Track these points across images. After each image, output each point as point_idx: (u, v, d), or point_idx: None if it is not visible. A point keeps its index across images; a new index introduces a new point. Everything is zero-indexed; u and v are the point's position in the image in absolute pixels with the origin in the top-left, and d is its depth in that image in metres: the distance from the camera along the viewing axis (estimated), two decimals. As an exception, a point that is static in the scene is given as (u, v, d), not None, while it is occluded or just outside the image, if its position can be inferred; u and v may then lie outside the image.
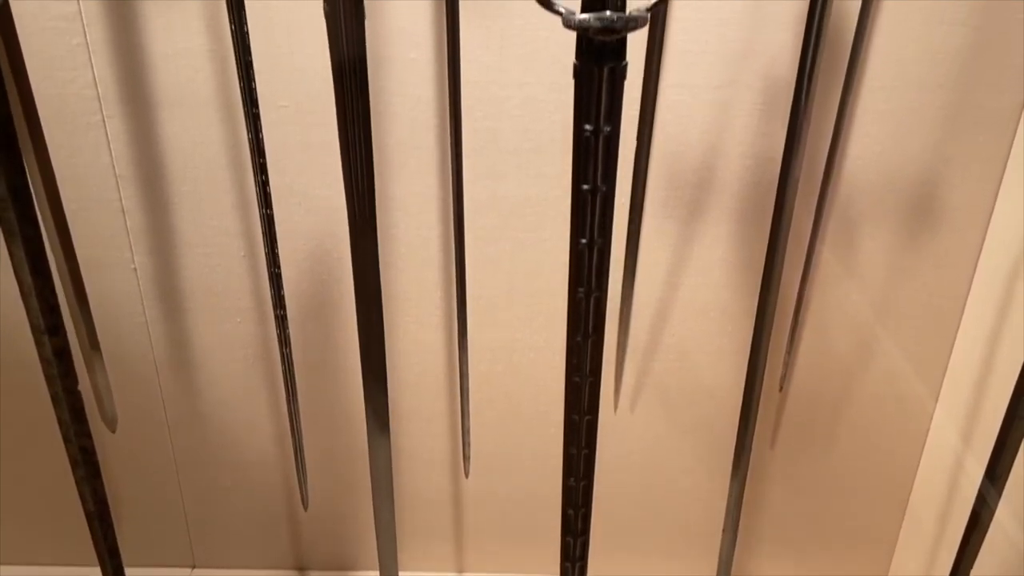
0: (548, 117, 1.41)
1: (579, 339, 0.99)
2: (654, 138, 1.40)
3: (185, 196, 1.45)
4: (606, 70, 0.85)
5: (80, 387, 0.98)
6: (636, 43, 1.08)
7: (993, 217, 1.47)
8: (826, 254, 1.51)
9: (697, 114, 1.40)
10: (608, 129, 0.88)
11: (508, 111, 1.41)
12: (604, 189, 0.90)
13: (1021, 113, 1.39)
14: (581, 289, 0.96)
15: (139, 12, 1.31)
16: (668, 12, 1.30)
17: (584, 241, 0.94)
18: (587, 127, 0.88)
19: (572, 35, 0.84)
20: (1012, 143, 1.41)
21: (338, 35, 1.14)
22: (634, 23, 0.81)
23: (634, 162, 1.40)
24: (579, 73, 0.86)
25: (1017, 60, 1.35)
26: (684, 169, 1.44)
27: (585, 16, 0.81)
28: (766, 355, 1.43)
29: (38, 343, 0.95)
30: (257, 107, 1.24)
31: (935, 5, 1.31)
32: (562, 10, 0.83)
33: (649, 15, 0.82)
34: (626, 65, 0.86)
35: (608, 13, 0.80)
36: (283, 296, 1.38)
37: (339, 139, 1.26)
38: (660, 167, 1.44)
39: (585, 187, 0.91)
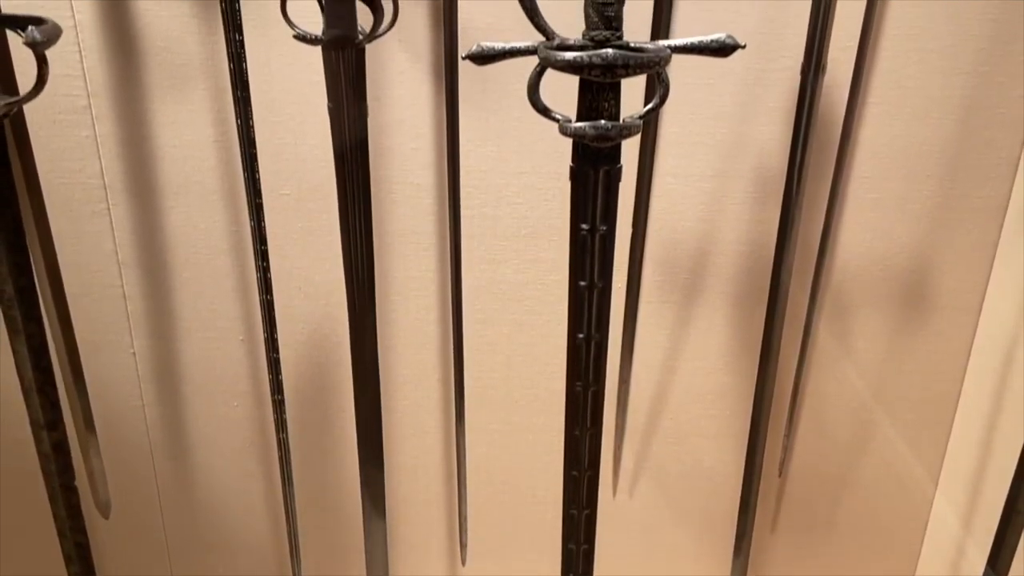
0: (545, 204, 1.44)
1: (577, 432, 1.00)
2: (649, 225, 1.43)
3: (186, 282, 1.47)
4: (601, 172, 0.87)
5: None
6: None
7: (985, 303, 1.48)
8: (822, 338, 1.52)
9: (691, 202, 1.43)
10: (604, 228, 0.90)
11: (506, 198, 1.44)
12: (601, 285, 0.92)
13: (1008, 202, 1.42)
14: (579, 383, 0.97)
15: (147, 106, 1.34)
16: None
17: (581, 336, 0.95)
18: (583, 226, 0.90)
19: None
20: (1000, 231, 1.44)
21: (341, 130, 1.18)
22: (628, 131, 0.84)
23: (630, 248, 1.42)
24: (575, 175, 0.89)
25: (1002, 152, 1.39)
26: (679, 255, 1.47)
27: (581, 124, 0.84)
28: (765, 439, 1.43)
29: (37, 438, 0.95)
30: (260, 197, 1.27)
31: (921, 101, 1.36)
32: (559, 117, 0.86)
33: (642, 122, 0.85)
34: (621, 168, 0.89)
35: (603, 122, 0.83)
36: (281, 381, 1.38)
37: (340, 224, 1.29)
38: (656, 252, 1.46)
39: (582, 283, 0.93)
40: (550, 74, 0.83)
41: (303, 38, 1.13)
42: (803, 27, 1.18)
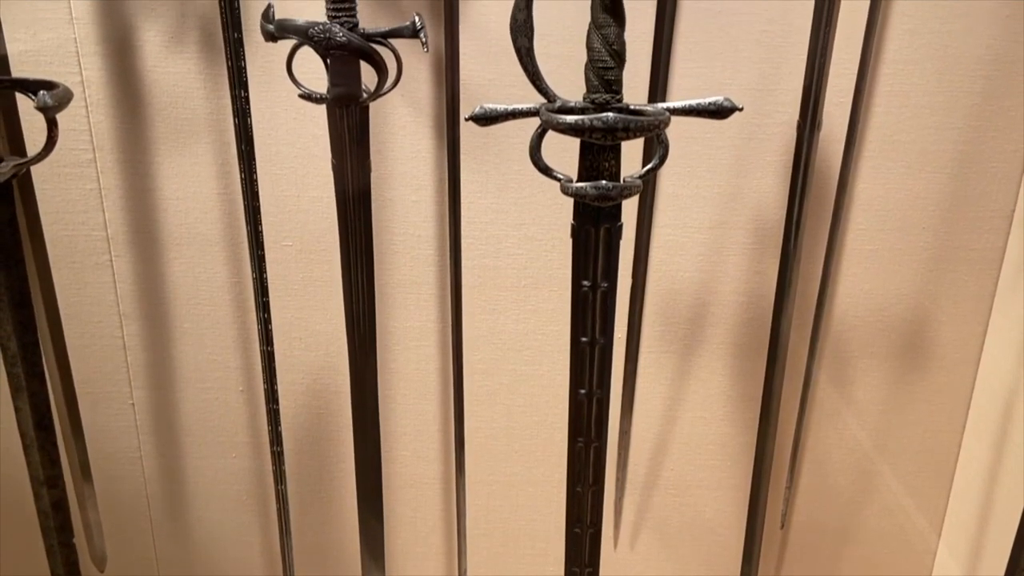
0: (545, 256, 1.45)
1: (579, 489, 0.99)
2: (649, 275, 1.44)
3: (187, 332, 1.47)
4: (602, 230, 0.89)
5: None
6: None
7: (983, 355, 1.49)
8: (822, 389, 1.52)
9: (690, 253, 1.44)
10: (605, 285, 0.91)
11: (506, 249, 1.45)
12: (602, 342, 0.93)
13: (1003, 255, 1.43)
14: (580, 439, 0.97)
15: (151, 159, 1.36)
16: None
17: (583, 392, 0.95)
18: (585, 283, 0.91)
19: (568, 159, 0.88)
20: (997, 283, 1.45)
21: (344, 185, 1.19)
22: (628, 191, 0.85)
23: (630, 298, 1.43)
24: (576, 233, 0.90)
25: (996, 205, 1.41)
26: (679, 305, 1.47)
27: (582, 185, 0.85)
28: (767, 490, 1.42)
29: (36, 494, 0.95)
30: (262, 248, 1.28)
31: (915, 155, 1.38)
32: (560, 177, 0.88)
33: (642, 183, 0.86)
34: (621, 226, 0.90)
35: (604, 182, 0.85)
36: (280, 433, 1.38)
37: (341, 275, 1.30)
38: (655, 303, 1.47)
39: (583, 339, 0.93)
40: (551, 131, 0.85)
41: (308, 97, 1.14)
42: (798, 83, 1.20)
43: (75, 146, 1.34)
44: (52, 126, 0.75)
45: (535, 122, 0.87)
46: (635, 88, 1.29)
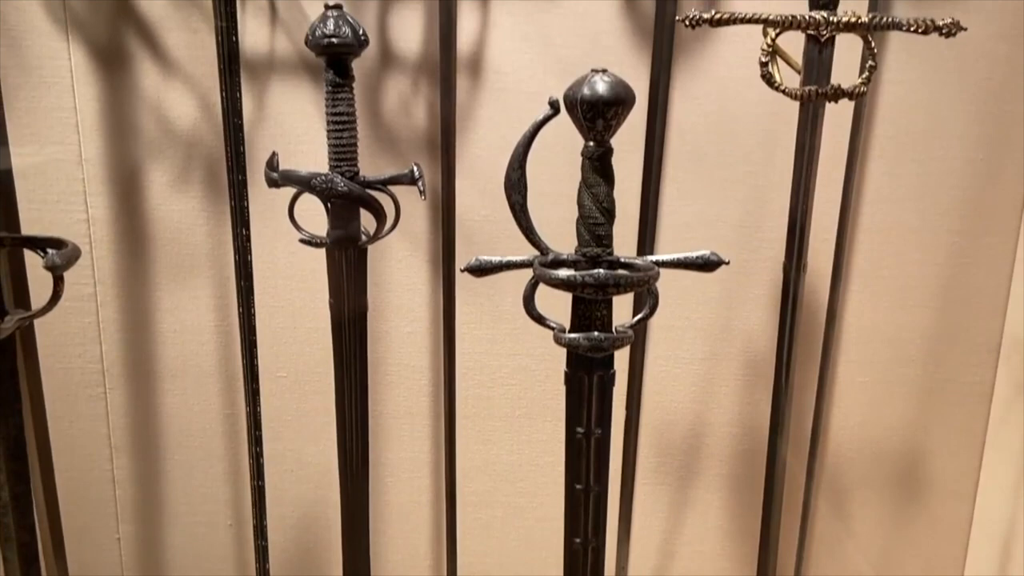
0: (539, 386, 1.46)
1: (575, 641, 0.97)
2: (643, 407, 1.44)
3: (177, 465, 1.46)
4: (595, 378, 0.90)
5: None
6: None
7: (979, 488, 1.48)
8: (821, 522, 1.50)
9: (683, 384, 1.45)
10: (599, 432, 0.91)
11: (500, 379, 1.46)
12: (597, 490, 0.93)
13: (993, 388, 1.45)
14: (576, 589, 0.96)
15: (151, 293, 1.38)
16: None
17: (578, 540, 0.94)
18: (579, 430, 0.92)
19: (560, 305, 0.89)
20: (988, 416, 1.45)
21: (341, 323, 1.21)
22: (620, 342, 0.87)
23: (624, 431, 1.43)
24: (570, 381, 0.92)
25: (982, 338, 1.43)
26: (673, 437, 1.47)
27: (575, 336, 0.87)
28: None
29: (15, 649, 0.91)
30: (257, 382, 1.29)
31: (900, 290, 1.41)
32: (553, 325, 0.90)
33: (633, 333, 0.88)
34: (614, 373, 0.91)
35: (596, 334, 0.87)
36: (268, 569, 1.35)
37: (336, 406, 1.29)
38: (650, 435, 1.47)
39: (578, 487, 0.93)
40: (545, 286, 0.87)
41: (308, 242, 1.17)
42: (782, 220, 1.22)
43: (76, 280, 1.36)
44: (58, 282, 0.77)
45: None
46: (624, 223, 1.32)
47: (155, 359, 1.41)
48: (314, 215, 1.18)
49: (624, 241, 1.31)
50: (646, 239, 1.33)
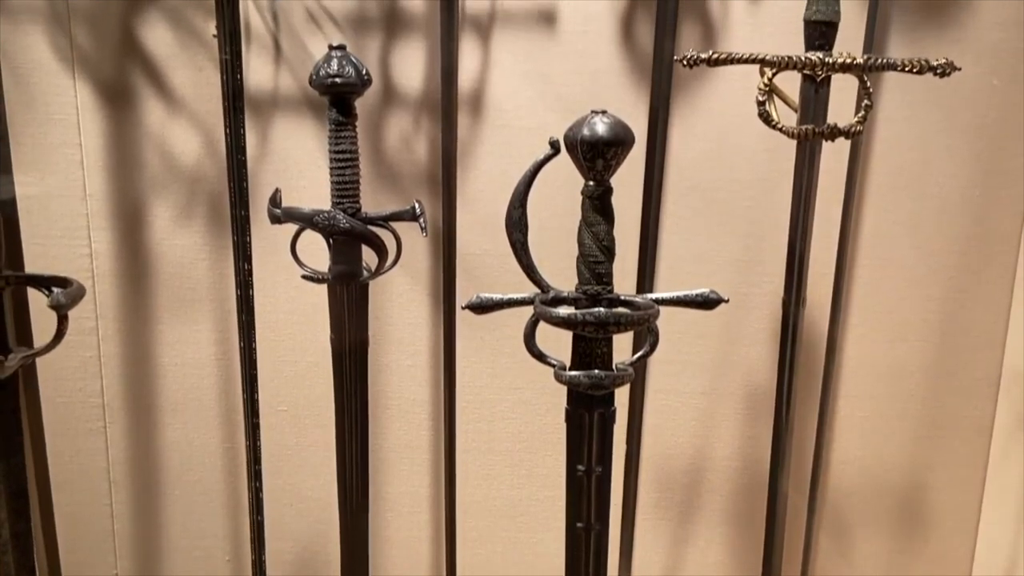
0: (539, 419, 1.46)
1: None
2: (643, 441, 1.44)
3: (176, 499, 1.45)
4: (596, 415, 0.90)
5: None
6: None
7: (981, 522, 1.47)
8: (822, 558, 1.50)
9: (683, 418, 1.45)
10: (600, 470, 0.91)
11: (500, 413, 1.46)
12: (598, 528, 0.92)
13: (993, 422, 1.45)
14: (577, 628, 0.95)
15: (152, 327, 1.39)
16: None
17: (579, 579, 0.94)
18: (579, 467, 0.92)
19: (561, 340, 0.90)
20: (989, 450, 1.45)
21: (342, 358, 1.21)
22: (620, 380, 0.87)
23: (624, 466, 1.42)
24: (570, 418, 0.92)
25: (981, 372, 1.44)
26: (674, 472, 1.47)
27: (575, 373, 0.87)
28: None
29: None
30: (258, 416, 1.29)
31: (898, 324, 1.42)
32: (554, 363, 0.90)
33: (633, 371, 0.89)
34: (615, 410, 0.91)
35: (596, 372, 0.87)
36: (267, 606, 1.34)
37: (336, 440, 1.29)
38: (650, 470, 1.46)
39: (579, 525, 0.93)
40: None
41: (311, 278, 1.18)
42: (781, 254, 1.21)
43: (79, 315, 1.35)
44: (62, 321, 0.78)
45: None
46: (624, 256, 1.33)
47: (156, 393, 1.41)
48: (316, 250, 1.19)
49: (624, 275, 1.32)
50: (646, 274, 1.34)
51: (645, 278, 1.34)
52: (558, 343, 0.95)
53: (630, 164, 1.00)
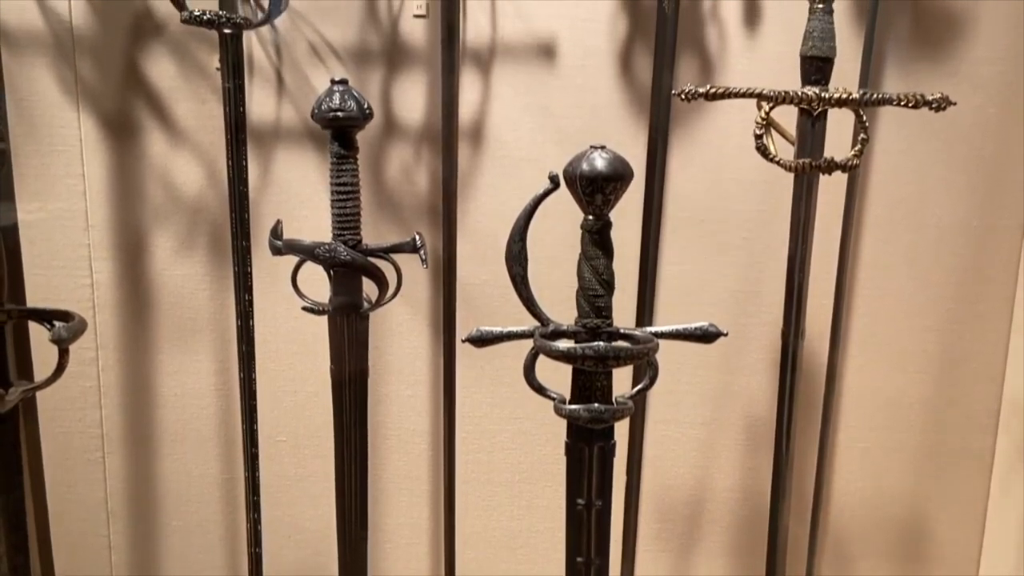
0: (539, 450, 1.45)
1: None
2: (644, 472, 1.43)
3: (174, 530, 1.44)
4: (596, 448, 0.90)
5: None
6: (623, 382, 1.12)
7: (983, 555, 1.46)
8: (825, 591, 1.49)
9: (683, 449, 1.45)
10: (600, 503, 0.91)
11: (500, 444, 1.45)
12: (598, 562, 0.92)
13: (993, 454, 1.44)
14: (577, 665, 0.94)
15: (152, 357, 1.39)
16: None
17: (579, 615, 0.93)
18: (579, 501, 0.91)
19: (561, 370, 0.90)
20: (989, 482, 1.45)
21: (342, 388, 1.21)
22: (620, 414, 0.87)
23: (624, 496, 1.41)
24: (570, 451, 0.92)
25: (981, 404, 1.43)
26: (675, 503, 1.46)
27: (575, 407, 0.87)
28: None
29: None
30: (256, 447, 1.28)
31: (897, 355, 1.42)
32: (554, 396, 0.90)
33: (633, 404, 0.89)
34: (615, 444, 0.91)
35: (596, 405, 0.87)
36: (264, 641, 1.32)
37: (335, 471, 1.28)
38: (651, 501, 1.46)
39: (579, 559, 0.92)
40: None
41: (311, 310, 1.18)
42: (780, 283, 1.22)
43: (79, 345, 1.34)
44: (63, 355, 0.78)
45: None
46: (623, 287, 1.33)
47: (155, 423, 1.41)
48: (316, 280, 1.20)
49: (623, 305, 1.32)
50: (645, 306, 1.34)
51: (644, 309, 1.35)
52: (558, 372, 0.94)
53: (629, 195, 1.01)
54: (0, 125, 0.83)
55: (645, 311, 1.35)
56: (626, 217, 1.33)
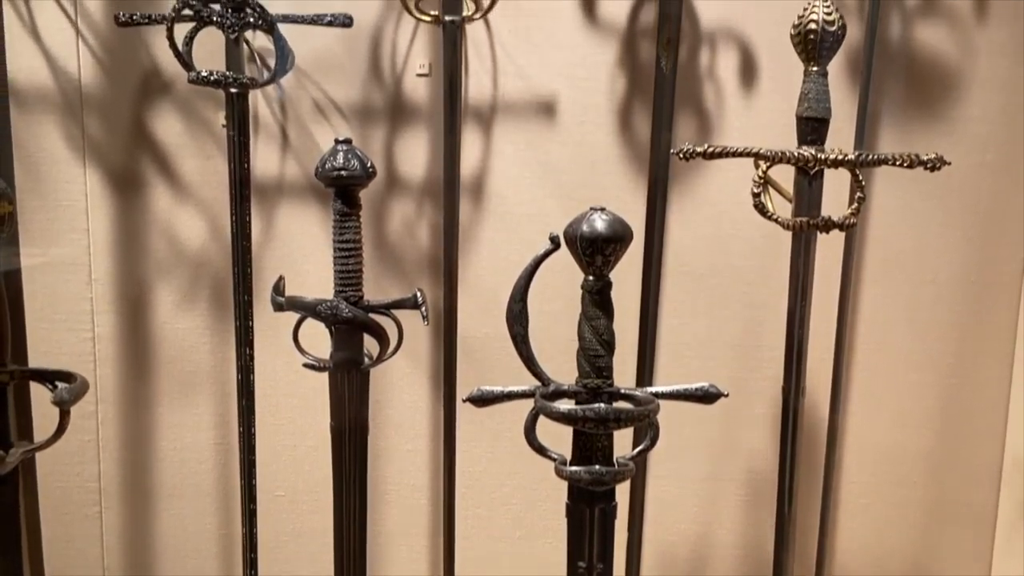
0: (540, 505, 1.44)
1: None
2: (645, 528, 1.42)
3: (170, 588, 1.43)
4: (597, 510, 0.90)
5: None
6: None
7: (991, 613, 1.45)
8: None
9: (685, 504, 1.44)
10: (601, 567, 0.90)
11: (500, 499, 1.44)
12: (601, 628, 0.91)
13: (996, 511, 1.43)
14: None
15: (152, 411, 1.39)
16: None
17: None
18: (580, 564, 0.91)
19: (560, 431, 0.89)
20: (993, 538, 1.43)
21: (342, 445, 1.21)
22: (621, 476, 0.87)
23: (626, 554, 1.40)
24: (571, 513, 0.91)
25: (983, 459, 1.43)
26: (677, 559, 1.45)
27: (576, 469, 0.87)
28: None
29: None
30: (255, 502, 1.28)
31: (897, 410, 1.42)
32: (555, 457, 0.90)
33: (634, 466, 0.88)
34: (616, 506, 0.91)
35: (597, 467, 0.87)
36: None
37: (333, 527, 1.27)
38: (653, 556, 1.44)
39: (581, 622, 0.91)
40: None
41: (312, 367, 1.18)
42: (780, 337, 1.21)
43: (79, 399, 1.36)
44: (64, 416, 0.78)
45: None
46: (624, 343, 1.33)
47: (153, 477, 1.40)
48: (317, 335, 1.20)
49: (624, 358, 1.32)
50: (646, 362, 1.34)
51: (645, 365, 1.35)
52: (558, 431, 0.94)
53: (629, 250, 1.02)
54: (8, 188, 0.84)
55: (646, 367, 1.35)
56: (626, 271, 1.33)
